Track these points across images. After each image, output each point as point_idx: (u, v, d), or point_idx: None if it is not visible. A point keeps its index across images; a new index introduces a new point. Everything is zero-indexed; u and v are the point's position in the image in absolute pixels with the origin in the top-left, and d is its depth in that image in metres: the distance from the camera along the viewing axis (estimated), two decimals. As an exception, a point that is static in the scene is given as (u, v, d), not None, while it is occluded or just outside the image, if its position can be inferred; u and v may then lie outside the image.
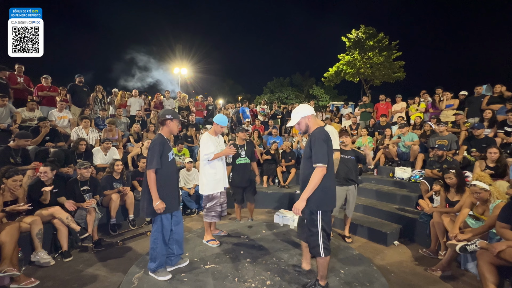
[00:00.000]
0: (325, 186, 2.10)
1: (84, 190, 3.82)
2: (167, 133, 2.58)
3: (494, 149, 3.85)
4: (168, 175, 2.49)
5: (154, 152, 2.39)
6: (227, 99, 32.34)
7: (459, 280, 2.88)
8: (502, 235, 2.45)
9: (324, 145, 2.07)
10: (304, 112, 2.22)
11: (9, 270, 2.47)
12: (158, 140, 2.46)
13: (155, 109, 7.85)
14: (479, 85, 6.25)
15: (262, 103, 10.77)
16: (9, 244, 2.57)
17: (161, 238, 2.47)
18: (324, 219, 2.13)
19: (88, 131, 5.44)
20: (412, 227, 3.99)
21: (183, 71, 21.67)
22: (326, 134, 2.13)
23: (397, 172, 5.36)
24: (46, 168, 3.47)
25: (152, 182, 2.37)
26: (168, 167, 2.50)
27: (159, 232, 2.48)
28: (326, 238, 2.15)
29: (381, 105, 8.02)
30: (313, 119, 2.24)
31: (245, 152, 4.18)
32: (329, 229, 2.18)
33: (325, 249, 2.14)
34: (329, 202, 2.16)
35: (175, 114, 2.59)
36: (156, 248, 2.47)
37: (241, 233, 3.60)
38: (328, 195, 2.14)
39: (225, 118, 3.31)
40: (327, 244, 2.15)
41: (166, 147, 2.49)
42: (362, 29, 19.71)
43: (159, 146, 2.42)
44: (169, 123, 2.56)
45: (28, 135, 4.13)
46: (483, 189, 2.85)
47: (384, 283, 2.50)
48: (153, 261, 2.49)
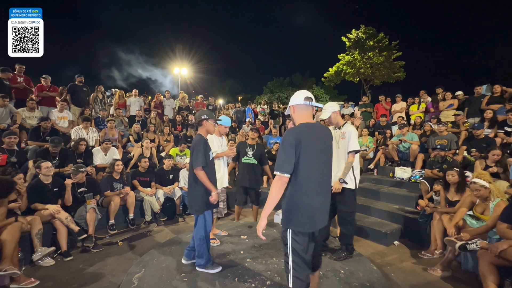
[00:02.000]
0: (296, 202, 1.62)
1: (81, 191, 3.83)
2: (205, 133, 2.69)
3: (498, 151, 3.85)
4: (210, 173, 2.61)
5: (199, 150, 2.49)
6: (227, 99, 32.37)
7: (459, 280, 2.87)
8: (503, 235, 2.45)
9: (288, 150, 1.59)
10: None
11: (10, 268, 2.47)
12: (201, 140, 2.57)
13: (155, 109, 7.85)
14: (479, 85, 6.25)
15: (262, 103, 10.78)
16: (10, 243, 2.57)
17: (205, 234, 2.57)
18: (296, 240, 1.63)
19: (88, 131, 5.44)
20: (412, 227, 3.99)
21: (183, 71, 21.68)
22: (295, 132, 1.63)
23: (397, 172, 5.36)
24: (48, 163, 3.49)
25: (204, 177, 2.47)
26: (210, 166, 2.62)
27: (203, 228, 2.57)
28: (302, 267, 1.63)
29: (381, 105, 8.02)
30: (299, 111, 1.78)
31: (253, 152, 4.12)
32: (306, 255, 1.65)
33: (296, 278, 1.63)
34: (303, 222, 1.62)
35: (210, 115, 2.69)
36: (203, 244, 2.55)
37: (241, 233, 3.60)
38: (303, 215, 1.62)
39: (229, 119, 3.40)
40: (303, 275, 1.63)
41: (207, 146, 2.61)
42: (362, 29, 19.71)
43: (203, 145, 2.53)
44: (205, 123, 2.67)
45: (13, 133, 4.10)
46: (483, 186, 2.86)
47: (384, 283, 2.50)
48: (201, 257, 2.57)
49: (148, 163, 4.91)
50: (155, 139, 6.40)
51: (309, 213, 1.62)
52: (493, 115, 5.27)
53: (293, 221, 1.65)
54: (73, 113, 6.30)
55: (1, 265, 2.47)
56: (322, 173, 1.68)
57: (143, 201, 4.59)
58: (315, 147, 1.63)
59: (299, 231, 1.64)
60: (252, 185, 4.10)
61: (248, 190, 4.17)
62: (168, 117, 7.93)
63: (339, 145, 2.95)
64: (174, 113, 8.49)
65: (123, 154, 5.51)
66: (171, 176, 5.11)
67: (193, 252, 2.70)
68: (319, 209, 1.67)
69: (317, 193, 1.66)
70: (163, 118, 7.79)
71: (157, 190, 4.86)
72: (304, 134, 1.62)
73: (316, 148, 1.64)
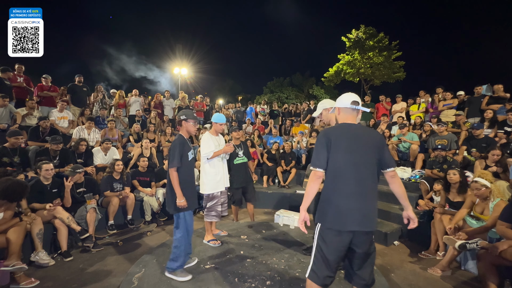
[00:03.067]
0: (332, 202, 1.65)
1: (80, 192, 3.82)
2: (185, 133, 2.68)
3: (497, 151, 3.85)
4: (188, 174, 2.60)
5: (174, 151, 2.49)
6: (227, 99, 32.37)
7: (459, 280, 2.87)
8: (503, 235, 2.45)
9: (318, 146, 1.69)
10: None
11: (18, 263, 2.55)
12: (178, 141, 2.57)
13: (155, 109, 7.85)
14: (479, 85, 6.25)
15: (262, 103, 10.78)
16: (16, 240, 2.64)
17: (186, 235, 2.51)
18: (322, 236, 1.66)
19: (90, 131, 5.45)
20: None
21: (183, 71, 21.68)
22: (327, 131, 1.71)
23: (397, 172, 5.35)
24: (50, 165, 3.49)
25: (175, 180, 2.45)
26: (188, 166, 2.61)
27: (183, 229, 2.52)
28: (322, 264, 1.65)
29: (381, 105, 8.02)
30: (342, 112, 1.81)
31: (242, 151, 4.16)
32: (330, 254, 1.63)
33: (313, 271, 1.68)
34: (332, 219, 1.63)
35: (189, 115, 2.68)
36: (181, 246, 2.47)
37: (241, 233, 3.60)
38: (333, 212, 1.64)
39: (222, 116, 3.36)
40: (321, 272, 1.65)
41: (185, 147, 2.59)
42: (362, 29, 19.73)
43: (179, 146, 2.52)
44: (184, 123, 2.66)
45: (18, 133, 4.09)
46: (484, 185, 2.86)
47: (384, 283, 2.50)
48: (175, 260, 2.46)
49: (147, 163, 4.91)
50: (155, 139, 6.40)
51: (337, 211, 1.62)
52: (493, 115, 5.27)
53: (322, 217, 1.68)
54: (73, 113, 6.31)
55: (9, 261, 2.55)
56: (357, 172, 1.64)
57: (143, 201, 4.59)
58: (348, 145, 1.65)
59: (327, 228, 1.66)
60: (248, 183, 4.13)
61: (244, 188, 4.15)
62: (168, 117, 7.94)
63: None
64: (174, 113, 8.49)
65: (123, 154, 5.51)
66: (171, 176, 5.11)
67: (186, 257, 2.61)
68: (351, 209, 1.61)
69: (350, 192, 1.63)
70: (163, 118, 7.78)
71: (157, 190, 4.86)
72: (336, 133, 1.68)
73: (349, 147, 1.64)
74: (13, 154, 3.93)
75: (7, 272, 2.58)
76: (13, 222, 2.77)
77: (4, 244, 2.64)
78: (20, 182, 2.87)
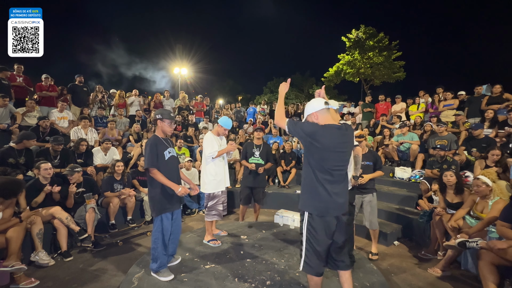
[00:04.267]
0: (314, 188, 1.79)
1: (79, 192, 3.82)
2: (160, 133, 2.62)
3: (497, 151, 3.85)
4: (166, 174, 2.49)
5: (146, 152, 2.47)
6: (227, 99, 32.37)
7: (459, 280, 2.88)
8: (503, 234, 2.46)
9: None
10: (309, 110, 1.91)
11: (17, 264, 2.56)
12: (150, 141, 2.52)
13: (155, 109, 7.85)
14: (479, 85, 6.25)
15: (262, 103, 10.77)
16: (16, 240, 2.64)
17: (161, 238, 2.49)
18: (312, 225, 1.78)
19: (87, 131, 5.44)
20: (412, 227, 3.99)
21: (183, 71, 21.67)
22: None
23: (397, 172, 5.36)
24: (48, 164, 3.49)
25: (160, 176, 2.41)
26: (166, 166, 2.51)
27: (159, 232, 2.49)
28: (313, 255, 1.78)
29: (380, 105, 8.02)
30: (321, 115, 1.86)
31: (259, 152, 4.13)
32: (319, 245, 1.77)
33: (307, 264, 1.80)
34: (318, 206, 1.79)
35: (164, 114, 2.60)
36: (157, 248, 2.47)
37: (241, 233, 3.60)
38: (317, 199, 1.79)
39: (230, 121, 3.34)
40: (314, 263, 1.79)
41: (159, 146, 2.52)
42: (362, 29, 19.73)
43: (151, 147, 2.48)
44: (159, 123, 2.61)
45: (33, 136, 4.17)
46: (485, 183, 2.86)
47: (384, 283, 2.49)
48: (155, 261, 2.48)
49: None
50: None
51: (322, 200, 1.77)
52: (494, 115, 5.27)
53: (310, 205, 1.81)
54: (73, 113, 6.31)
55: (8, 261, 2.55)
56: (338, 170, 1.81)
57: (143, 201, 4.59)
58: (330, 143, 1.77)
59: (315, 214, 1.78)
60: (257, 185, 4.11)
61: (253, 189, 4.17)
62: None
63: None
64: (174, 113, 8.49)
65: (123, 154, 5.51)
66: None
67: (170, 256, 2.67)
68: (333, 200, 1.77)
69: (331, 181, 1.78)
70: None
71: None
72: (321, 130, 1.78)
73: (332, 144, 1.77)
74: (19, 155, 3.95)
75: (7, 272, 2.59)
76: (12, 222, 2.77)
77: (3, 244, 2.64)
78: (15, 179, 2.88)
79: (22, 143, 3.94)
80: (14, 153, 3.89)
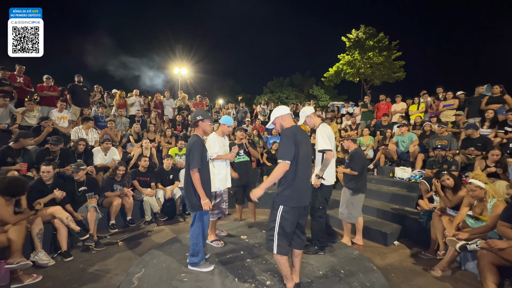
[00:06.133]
0: (295, 186, 2.08)
1: (81, 190, 3.82)
2: (201, 133, 2.70)
3: (497, 151, 3.85)
4: (206, 174, 2.63)
5: (195, 152, 2.48)
6: (227, 99, 32.36)
7: (459, 280, 2.87)
8: (503, 234, 2.46)
9: (287, 143, 2.07)
10: (278, 113, 2.26)
11: (22, 260, 2.59)
12: (198, 141, 2.55)
13: (155, 109, 7.84)
14: (480, 85, 6.24)
15: (262, 103, 10.77)
16: (17, 238, 2.67)
17: (202, 233, 2.61)
18: (284, 216, 2.09)
19: (88, 131, 5.44)
20: (412, 227, 3.99)
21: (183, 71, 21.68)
22: (293, 131, 2.12)
23: (397, 172, 5.36)
24: (49, 167, 3.47)
25: (197, 180, 2.48)
26: (206, 166, 2.65)
27: (200, 228, 2.61)
28: (284, 238, 2.10)
29: (381, 105, 8.01)
30: (288, 118, 2.25)
31: (243, 150, 4.18)
32: (288, 228, 2.11)
33: (279, 246, 2.10)
34: (295, 200, 2.11)
35: (205, 115, 2.68)
36: (199, 243, 2.58)
37: (241, 233, 3.60)
38: (296, 194, 2.10)
39: (231, 118, 3.40)
40: (284, 244, 2.11)
41: (204, 147, 2.62)
42: (362, 29, 19.73)
43: (199, 147, 2.53)
44: (201, 123, 2.66)
45: (30, 134, 4.15)
46: (478, 186, 2.87)
47: (384, 283, 2.49)
48: (196, 255, 2.60)
49: (148, 162, 4.91)
50: (155, 139, 6.40)
51: (299, 193, 2.12)
52: (494, 115, 5.27)
53: (287, 200, 2.10)
54: (73, 113, 6.30)
55: (13, 258, 2.58)
56: (306, 162, 2.17)
57: (143, 201, 4.59)
58: (303, 141, 2.13)
59: (293, 207, 2.10)
60: (249, 182, 4.18)
61: (246, 187, 4.22)
62: (168, 117, 7.93)
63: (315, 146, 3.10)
64: (174, 113, 8.49)
65: (123, 154, 5.51)
66: (171, 176, 5.12)
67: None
68: (305, 189, 2.17)
69: (304, 178, 2.14)
70: (163, 118, 7.78)
71: (157, 191, 4.85)
72: (297, 131, 2.15)
73: (303, 143, 2.12)
74: (17, 154, 3.94)
75: (8, 272, 2.60)
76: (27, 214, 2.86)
77: (4, 243, 2.65)
78: (19, 177, 2.91)
79: (19, 142, 3.92)
80: (12, 153, 3.87)
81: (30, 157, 4.08)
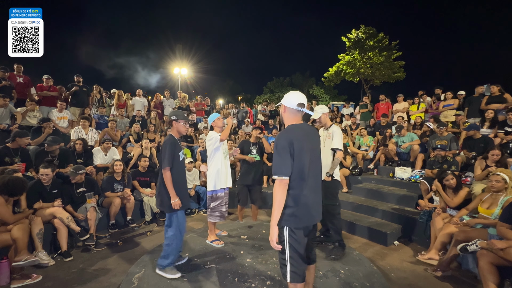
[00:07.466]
0: (303, 202, 1.64)
1: (80, 192, 3.82)
2: (176, 133, 2.69)
3: (497, 151, 3.85)
4: (180, 173, 2.61)
5: (165, 152, 2.50)
6: (227, 99, 32.38)
7: (459, 280, 2.87)
8: (503, 235, 2.46)
9: (282, 153, 1.61)
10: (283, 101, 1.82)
11: (30, 257, 2.63)
12: (169, 141, 2.57)
13: (155, 109, 7.84)
14: (479, 85, 6.24)
15: (263, 104, 10.78)
16: (22, 236, 2.71)
17: (178, 234, 2.56)
18: (293, 237, 1.65)
19: (87, 131, 5.43)
20: (412, 227, 3.99)
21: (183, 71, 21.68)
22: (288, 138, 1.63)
23: (397, 172, 5.35)
24: (47, 170, 3.46)
25: (168, 180, 2.47)
26: (180, 166, 2.62)
27: (176, 228, 2.55)
28: (298, 262, 1.66)
29: (381, 105, 8.01)
30: (290, 112, 1.78)
31: (256, 149, 4.17)
32: (302, 250, 1.68)
33: (293, 272, 1.65)
34: (305, 218, 1.67)
35: (179, 115, 2.69)
36: (172, 244, 2.52)
37: (241, 233, 3.60)
38: (304, 211, 1.66)
39: (215, 113, 3.50)
40: (300, 269, 1.67)
41: (176, 147, 2.60)
42: (362, 29, 19.73)
43: (170, 146, 2.53)
44: (174, 124, 2.67)
45: (26, 134, 4.11)
46: (504, 179, 2.88)
47: (384, 283, 2.50)
48: (166, 258, 2.52)
49: (148, 162, 4.91)
50: (155, 139, 6.40)
51: (306, 209, 1.67)
52: (494, 115, 5.27)
53: (291, 219, 1.65)
54: (73, 113, 6.30)
55: (20, 256, 2.61)
56: (315, 170, 1.74)
57: (143, 201, 4.59)
58: (307, 146, 1.67)
59: (297, 227, 1.66)
60: (255, 183, 4.12)
61: (251, 188, 4.15)
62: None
63: (325, 144, 3.14)
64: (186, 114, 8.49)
65: (123, 154, 5.51)
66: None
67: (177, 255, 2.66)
68: (315, 203, 1.73)
69: (312, 189, 1.70)
70: (163, 118, 7.78)
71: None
72: (295, 135, 1.65)
73: (308, 147, 1.68)
74: (15, 154, 3.93)
75: (8, 272, 2.59)
76: (26, 213, 2.91)
77: (8, 241, 2.68)
78: (19, 177, 2.92)
79: (16, 141, 3.91)
80: (9, 152, 3.86)
81: (28, 156, 4.08)
